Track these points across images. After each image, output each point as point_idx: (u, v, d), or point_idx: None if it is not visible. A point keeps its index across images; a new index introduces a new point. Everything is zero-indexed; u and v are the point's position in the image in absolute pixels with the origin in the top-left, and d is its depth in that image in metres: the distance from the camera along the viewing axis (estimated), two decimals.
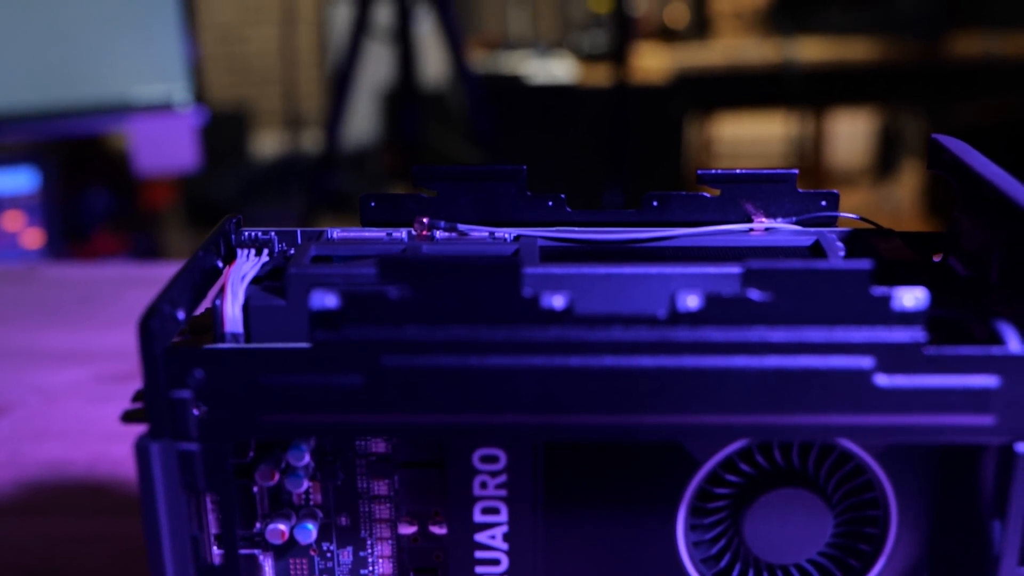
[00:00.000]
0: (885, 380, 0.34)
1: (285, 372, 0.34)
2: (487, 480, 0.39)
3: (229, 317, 0.39)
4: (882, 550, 0.40)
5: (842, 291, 0.34)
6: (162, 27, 1.47)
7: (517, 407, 0.34)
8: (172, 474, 0.36)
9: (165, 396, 0.35)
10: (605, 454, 0.39)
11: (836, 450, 0.39)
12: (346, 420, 0.35)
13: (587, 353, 0.34)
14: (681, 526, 0.40)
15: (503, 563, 0.40)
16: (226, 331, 0.38)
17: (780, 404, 0.34)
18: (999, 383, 0.34)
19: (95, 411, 0.79)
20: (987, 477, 0.36)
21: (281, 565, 0.42)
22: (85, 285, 1.03)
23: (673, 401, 0.34)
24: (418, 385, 0.34)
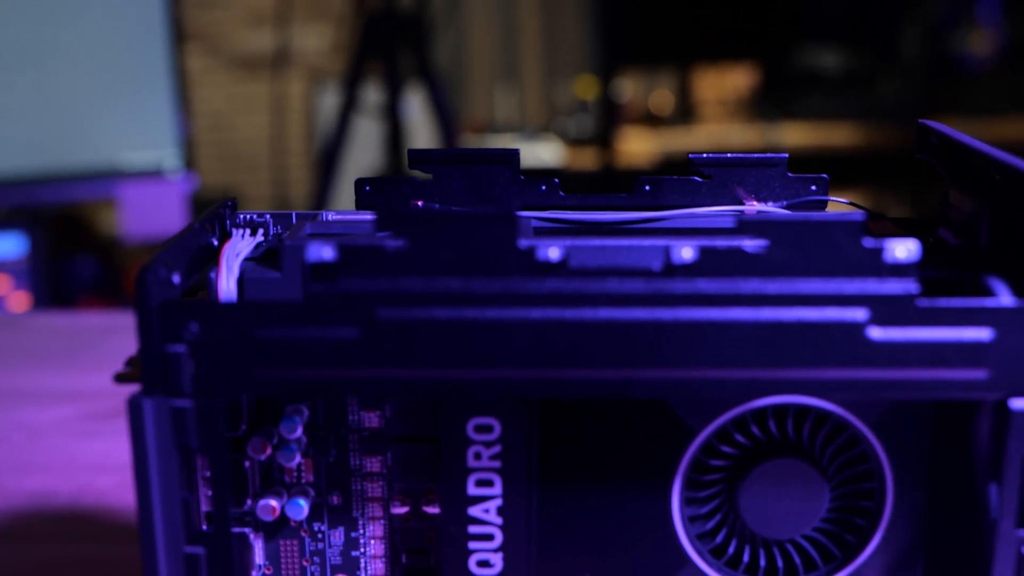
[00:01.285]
0: (879, 333, 0.34)
1: (280, 325, 0.34)
2: (481, 451, 0.39)
3: (223, 289, 0.39)
4: (879, 524, 0.40)
5: (835, 242, 0.34)
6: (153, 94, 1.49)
7: (513, 361, 0.34)
8: (165, 432, 0.35)
9: (159, 351, 0.35)
10: (599, 424, 0.39)
11: (831, 420, 0.39)
12: (341, 375, 0.35)
13: (582, 305, 0.34)
14: (676, 500, 0.39)
15: (497, 538, 0.40)
16: (220, 302, 0.38)
17: (775, 358, 0.34)
18: (992, 336, 0.34)
19: (80, 445, 0.78)
20: (982, 440, 0.36)
21: (271, 546, 0.41)
22: (71, 333, 1.03)
23: (668, 354, 0.34)
24: (413, 338, 0.34)
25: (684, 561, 0.40)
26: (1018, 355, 0.34)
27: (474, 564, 0.40)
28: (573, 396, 0.35)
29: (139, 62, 1.53)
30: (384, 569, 0.42)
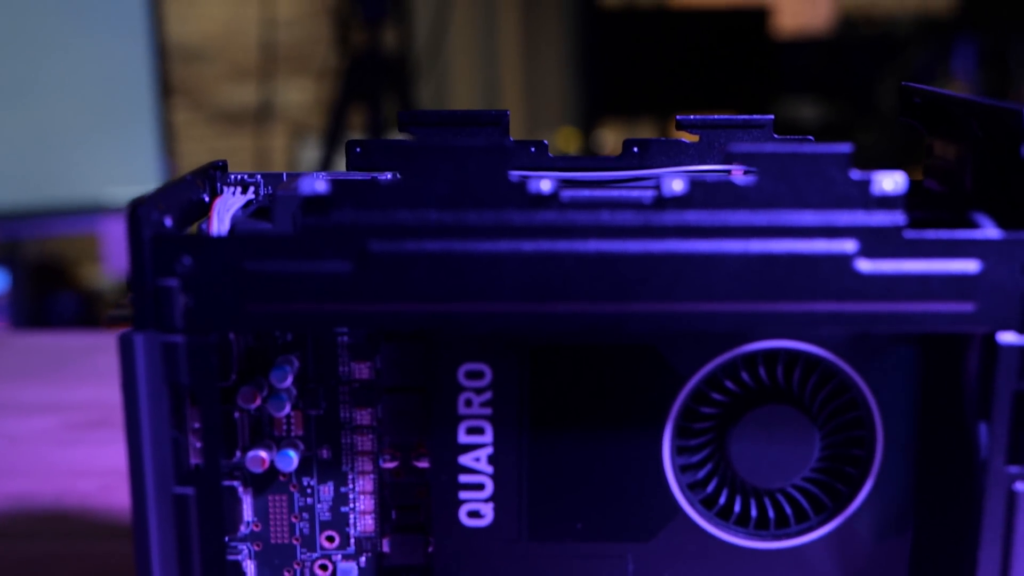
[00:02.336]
0: (867, 265, 0.34)
1: (273, 258, 0.35)
2: (472, 398, 0.39)
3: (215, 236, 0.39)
4: (869, 472, 0.40)
5: (823, 174, 0.34)
6: (137, 129, 1.49)
7: (504, 294, 0.34)
8: (156, 369, 0.35)
9: (151, 285, 0.35)
10: (590, 371, 0.39)
11: (820, 366, 0.39)
12: (334, 309, 0.35)
13: (573, 238, 0.34)
14: (667, 448, 0.39)
15: (488, 488, 0.39)
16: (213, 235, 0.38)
17: (764, 290, 0.35)
18: (979, 268, 0.34)
19: (62, 452, 0.78)
20: (971, 380, 0.37)
21: (260, 502, 0.41)
22: (54, 351, 1.03)
23: (659, 287, 0.34)
24: (405, 271, 0.34)
25: (675, 511, 0.40)
26: (1005, 288, 0.34)
27: (464, 515, 0.40)
28: (564, 330, 0.35)
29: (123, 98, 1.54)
30: (374, 525, 0.41)
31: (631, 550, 0.40)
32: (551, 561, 0.40)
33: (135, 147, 1.48)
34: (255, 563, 0.42)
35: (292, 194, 0.40)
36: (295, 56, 2.95)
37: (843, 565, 0.40)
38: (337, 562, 0.42)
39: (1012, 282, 0.34)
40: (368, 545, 0.42)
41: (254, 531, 0.41)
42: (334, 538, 0.42)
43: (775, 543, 0.40)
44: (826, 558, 0.40)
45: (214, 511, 0.36)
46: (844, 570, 0.40)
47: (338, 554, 0.42)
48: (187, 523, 0.36)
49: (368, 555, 0.42)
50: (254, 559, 0.42)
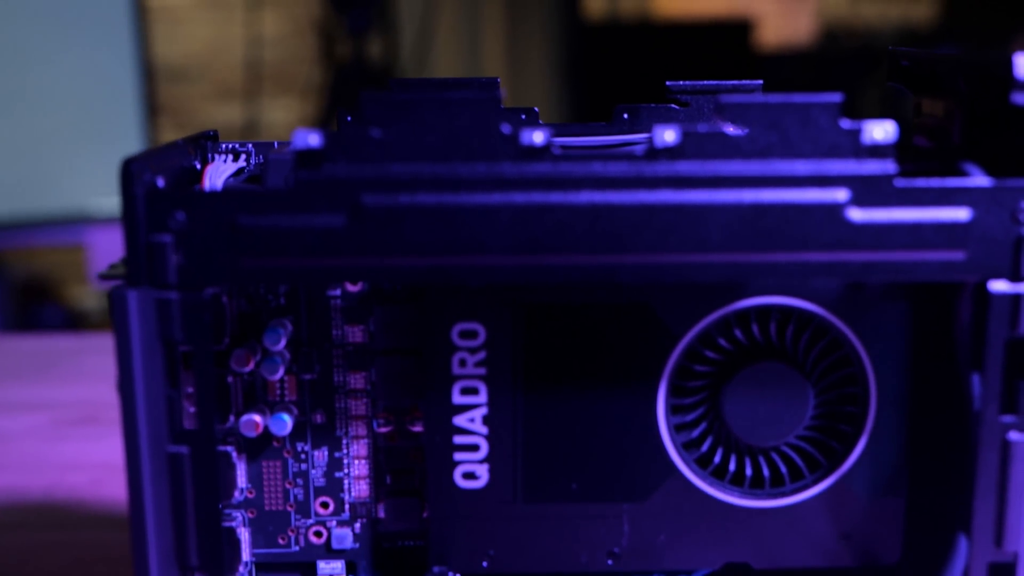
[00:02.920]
0: (859, 214, 0.35)
1: (267, 213, 0.35)
2: (466, 358, 0.39)
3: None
4: (863, 429, 0.40)
5: (813, 123, 0.35)
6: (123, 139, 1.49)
7: (497, 246, 0.35)
8: (149, 326, 0.35)
9: (144, 241, 0.35)
10: (583, 330, 0.39)
11: (813, 322, 0.39)
12: (327, 263, 0.35)
13: (566, 189, 0.34)
14: (662, 407, 0.39)
15: (482, 449, 0.39)
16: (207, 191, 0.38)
17: (757, 241, 0.35)
18: (970, 216, 0.35)
19: (52, 448, 0.77)
20: (963, 331, 0.37)
21: (254, 468, 0.41)
22: (41, 353, 1.02)
23: (651, 238, 0.35)
24: (399, 224, 0.34)
25: (670, 471, 0.40)
26: (995, 236, 0.35)
27: (459, 476, 0.40)
28: (557, 281, 0.35)
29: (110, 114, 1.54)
30: (368, 491, 0.41)
31: (627, 510, 0.40)
32: (546, 522, 0.40)
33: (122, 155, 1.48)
34: (249, 530, 0.41)
35: (284, 158, 0.40)
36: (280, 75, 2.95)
37: (838, 522, 0.40)
38: (332, 528, 0.42)
39: (1002, 230, 0.35)
40: (363, 511, 0.42)
41: (248, 498, 0.41)
42: (328, 504, 0.41)
43: (770, 501, 0.40)
44: (821, 516, 0.40)
45: (209, 470, 0.36)
46: (840, 527, 0.40)
47: (332, 520, 0.42)
48: (182, 482, 0.36)
49: (363, 521, 0.42)
50: (248, 526, 0.41)
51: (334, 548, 0.42)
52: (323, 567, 0.42)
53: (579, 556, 0.40)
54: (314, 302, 0.40)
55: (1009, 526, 0.37)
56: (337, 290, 0.40)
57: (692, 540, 0.40)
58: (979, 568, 0.37)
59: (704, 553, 0.40)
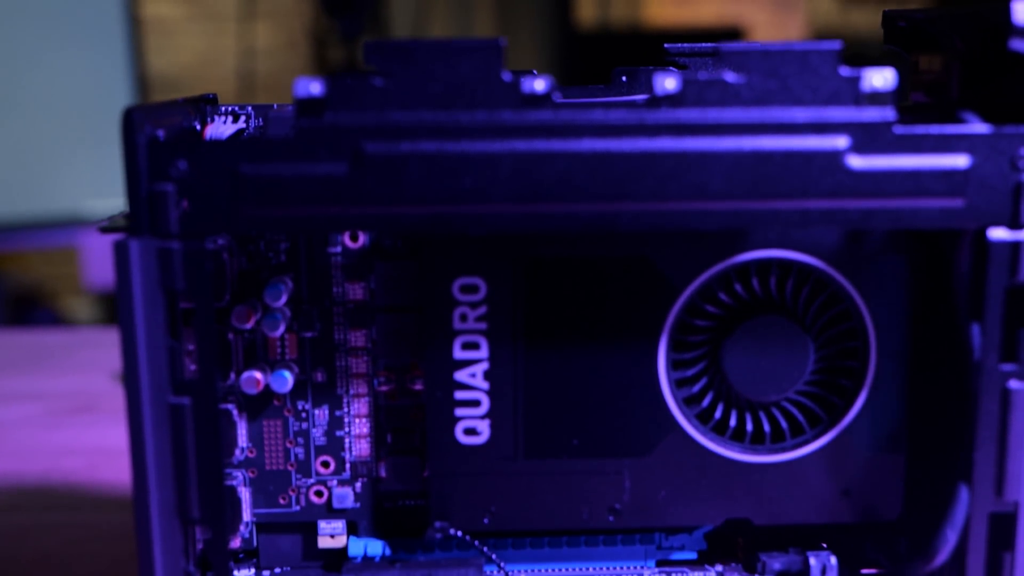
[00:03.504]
0: (858, 161, 0.35)
1: (269, 161, 0.35)
2: (467, 312, 0.39)
3: None
4: (863, 383, 0.40)
5: (813, 71, 0.35)
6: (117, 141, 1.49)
7: (498, 195, 0.35)
8: (151, 275, 0.35)
9: (146, 190, 0.35)
10: (584, 284, 0.39)
11: (813, 276, 0.39)
12: (329, 211, 0.35)
13: (567, 136, 0.35)
14: (663, 363, 0.39)
15: (484, 404, 0.39)
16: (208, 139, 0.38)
17: (757, 188, 0.35)
18: (969, 163, 0.35)
19: (48, 435, 0.77)
20: (962, 280, 0.37)
21: (255, 427, 0.41)
22: (35, 346, 1.02)
23: (652, 186, 0.35)
24: (401, 172, 0.34)
25: (672, 426, 0.40)
26: (994, 183, 0.35)
27: (461, 432, 0.40)
28: (558, 229, 0.35)
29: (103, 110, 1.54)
30: (369, 450, 0.41)
31: (628, 466, 0.40)
32: (548, 478, 0.40)
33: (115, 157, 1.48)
34: (250, 490, 0.41)
35: (284, 115, 0.40)
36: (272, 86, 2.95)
37: (839, 478, 0.40)
38: (332, 488, 0.42)
39: (1001, 177, 0.35)
40: (363, 470, 0.41)
41: (249, 457, 0.41)
42: (329, 463, 0.41)
43: (771, 457, 0.40)
44: (822, 471, 0.40)
45: (210, 421, 0.36)
46: (840, 483, 0.40)
47: (333, 479, 0.41)
48: (183, 434, 0.36)
49: (364, 480, 0.42)
50: (249, 486, 0.41)
51: (335, 508, 0.41)
52: (324, 527, 0.42)
53: (580, 512, 0.40)
54: (314, 259, 0.40)
55: (1009, 475, 0.37)
56: (337, 247, 0.40)
57: (693, 496, 0.40)
58: (980, 518, 0.37)
59: (705, 509, 0.40)
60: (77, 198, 1.54)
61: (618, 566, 0.42)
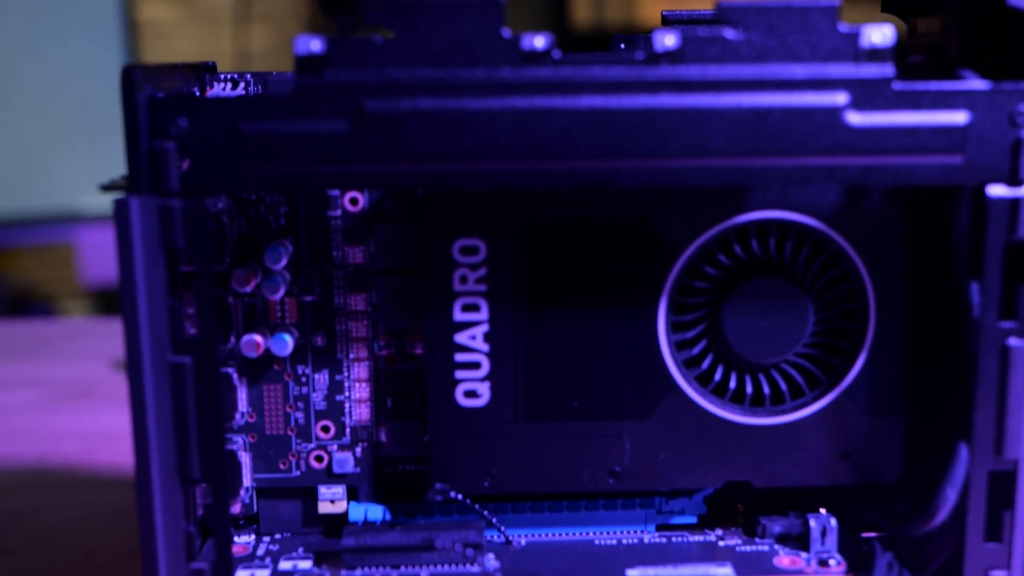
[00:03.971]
0: (857, 118, 0.35)
1: (269, 119, 0.35)
2: (467, 274, 0.39)
3: None
4: (863, 345, 0.40)
5: (812, 27, 0.35)
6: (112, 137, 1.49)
7: (498, 152, 0.35)
8: (152, 234, 0.35)
9: (146, 148, 0.35)
10: (584, 245, 0.39)
11: (812, 237, 0.39)
12: (329, 169, 0.35)
13: (567, 93, 0.35)
14: (662, 324, 0.39)
15: (484, 367, 0.39)
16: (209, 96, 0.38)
17: (757, 145, 0.35)
18: (968, 119, 0.35)
19: (46, 419, 0.77)
20: (961, 238, 0.37)
21: (255, 392, 0.41)
22: (33, 335, 1.02)
23: (652, 143, 0.35)
24: (401, 129, 0.35)
25: (671, 388, 0.40)
26: (993, 140, 0.35)
27: (461, 395, 0.40)
28: (558, 185, 0.35)
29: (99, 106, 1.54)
30: (369, 414, 0.41)
31: (628, 428, 0.40)
32: (548, 441, 0.40)
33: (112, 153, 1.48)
34: (250, 455, 0.41)
35: (285, 79, 0.40)
36: None
37: (839, 440, 0.40)
38: (332, 453, 0.42)
39: (1000, 134, 0.35)
40: (364, 435, 0.41)
41: (249, 422, 0.41)
42: (329, 428, 0.41)
43: (771, 419, 0.40)
44: (821, 433, 0.40)
45: (211, 380, 0.36)
46: (840, 445, 0.40)
47: (333, 444, 0.42)
48: (183, 393, 0.36)
49: (364, 445, 0.42)
50: (249, 451, 0.41)
51: (335, 473, 0.42)
52: (324, 492, 0.42)
53: (581, 475, 0.40)
54: (314, 222, 0.40)
55: (1009, 433, 0.37)
56: (337, 210, 0.40)
57: (693, 458, 0.40)
58: (979, 477, 0.37)
59: (705, 471, 0.40)
60: (73, 195, 1.54)
61: (618, 530, 0.42)
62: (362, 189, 0.39)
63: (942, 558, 0.39)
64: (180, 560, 0.37)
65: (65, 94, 1.58)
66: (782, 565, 0.40)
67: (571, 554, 0.41)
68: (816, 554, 0.40)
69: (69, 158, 1.56)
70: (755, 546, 0.41)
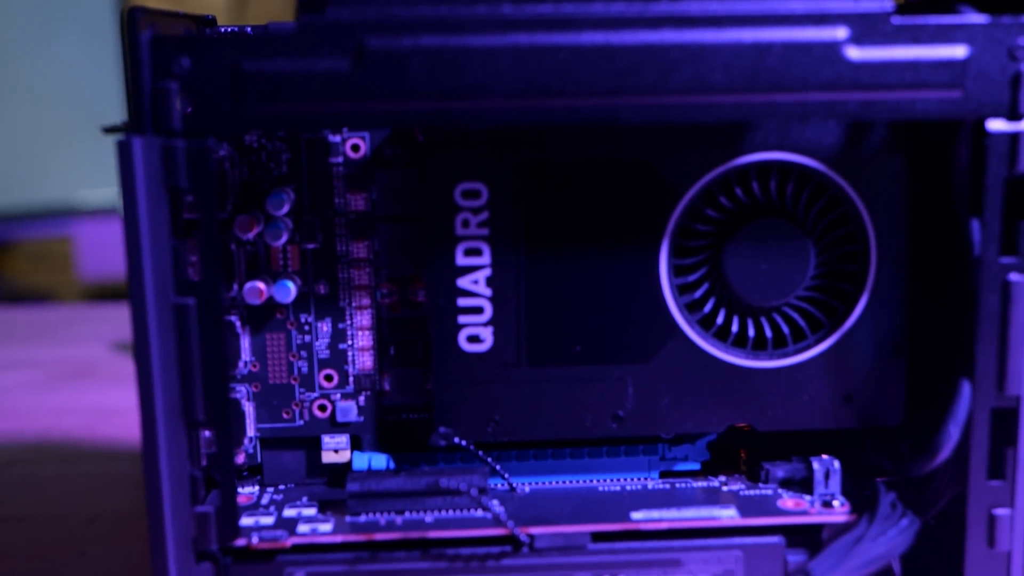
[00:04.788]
0: (857, 53, 0.35)
1: (271, 57, 0.35)
2: (469, 218, 0.39)
3: None
4: (864, 287, 0.40)
5: None
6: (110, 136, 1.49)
7: (499, 89, 0.35)
8: (154, 174, 0.35)
9: (149, 88, 0.35)
10: (585, 189, 0.39)
11: (813, 179, 0.39)
12: (331, 108, 0.35)
13: (567, 30, 0.35)
14: (664, 267, 0.39)
15: (487, 311, 0.40)
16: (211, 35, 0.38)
17: (757, 80, 0.35)
18: (967, 53, 0.35)
19: (47, 397, 0.77)
20: (961, 175, 0.37)
21: (258, 340, 0.41)
22: (32, 321, 1.02)
23: (652, 79, 0.35)
24: (403, 67, 0.35)
25: (674, 331, 0.40)
26: (993, 74, 0.35)
27: (464, 340, 0.40)
28: (559, 124, 0.35)
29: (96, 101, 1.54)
30: (372, 362, 0.41)
31: (630, 372, 0.40)
32: (551, 386, 0.40)
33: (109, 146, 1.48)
34: (253, 404, 0.41)
35: (284, 27, 0.40)
36: None
37: (841, 382, 0.40)
38: (336, 401, 0.42)
39: (999, 68, 0.35)
40: (367, 383, 0.42)
41: (252, 371, 0.41)
42: (332, 377, 0.41)
43: (773, 362, 0.40)
44: (824, 376, 0.40)
45: (215, 322, 0.36)
46: (842, 388, 0.40)
47: (337, 393, 0.42)
48: (187, 335, 0.36)
49: (367, 394, 0.42)
50: (252, 400, 0.41)
51: (339, 422, 0.42)
52: (328, 441, 0.42)
53: (583, 420, 0.40)
54: (316, 169, 0.40)
55: (1011, 370, 0.37)
56: (339, 157, 0.40)
57: (696, 402, 0.40)
58: (982, 414, 0.37)
59: (708, 415, 0.40)
60: (70, 188, 1.54)
61: (622, 477, 0.42)
62: (364, 128, 0.40)
63: (945, 499, 0.39)
64: (185, 503, 0.37)
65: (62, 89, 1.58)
66: (786, 507, 0.40)
67: (575, 500, 0.41)
68: (820, 496, 0.40)
69: (66, 153, 1.56)
70: (759, 490, 0.41)
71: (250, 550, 0.38)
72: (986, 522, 0.38)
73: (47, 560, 0.49)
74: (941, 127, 0.38)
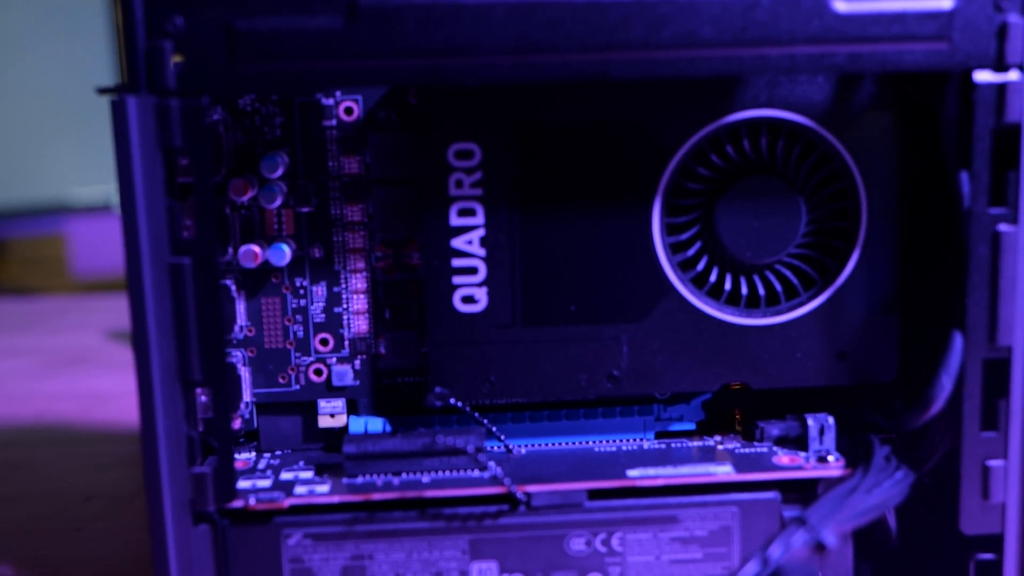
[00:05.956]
0: (844, 5, 0.35)
1: (265, 15, 0.35)
2: (462, 178, 0.39)
3: None
4: (855, 243, 0.40)
5: None
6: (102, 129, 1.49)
7: (491, 46, 0.35)
8: (149, 133, 0.35)
9: (144, 47, 0.35)
10: (578, 149, 0.39)
11: (803, 137, 0.40)
12: (324, 66, 0.35)
13: None
14: (657, 226, 0.40)
15: (481, 271, 0.40)
16: None
17: (745, 34, 0.35)
18: (953, 4, 0.35)
19: (42, 384, 0.77)
20: (949, 127, 0.37)
21: (253, 305, 0.41)
22: (27, 312, 1.02)
23: (643, 34, 0.35)
24: (395, 25, 0.35)
25: (667, 289, 0.40)
26: (979, 25, 0.35)
27: (459, 300, 0.40)
28: (551, 79, 0.35)
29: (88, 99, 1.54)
30: (368, 326, 0.42)
31: (625, 331, 0.40)
32: (546, 345, 0.40)
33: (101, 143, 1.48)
34: (249, 369, 0.42)
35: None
36: None
37: (834, 339, 0.41)
38: (332, 366, 0.42)
39: (985, 19, 0.35)
40: (363, 347, 0.42)
41: (248, 336, 0.41)
42: (328, 341, 0.42)
43: (766, 319, 0.40)
44: (817, 333, 0.41)
45: (210, 282, 0.36)
46: (836, 345, 0.41)
47: (332, 357, 0.42)
48: (183, 294, 0.36)
49: (363, 357, 0.42)
50: (248, 365, 0.41)
51: (335, 386, 0.42)
52: (324, 406, 0.42)
53: (579, 379, 0.40)
54: (309, 132, 0.40)
55: (1002, 320, 0.37)
56: (332, 120, 0.40)
57: (690, 360, 0.40)
58: (974, 365, 0.38)
59: (702, 373, 0.41)
60: (63, 185, 1.54)
61: (617, 438, 0.42)
62: (357, 85, 0.40)
63: (938, 455, 0.39)
64: (182, 464, 0.37)
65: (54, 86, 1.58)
66: (781, 463, 0.40)
67: (571, 460, 0.41)
68: (815, 452, 0.40)
69: (59, 150, 1.56)
70: (754, 448, 0.41)
71: (247, 511, 0.38)
72: (980, 474, 0.38)
73: (44, 536, 0.50)
74: (928, 81, 0.38)
